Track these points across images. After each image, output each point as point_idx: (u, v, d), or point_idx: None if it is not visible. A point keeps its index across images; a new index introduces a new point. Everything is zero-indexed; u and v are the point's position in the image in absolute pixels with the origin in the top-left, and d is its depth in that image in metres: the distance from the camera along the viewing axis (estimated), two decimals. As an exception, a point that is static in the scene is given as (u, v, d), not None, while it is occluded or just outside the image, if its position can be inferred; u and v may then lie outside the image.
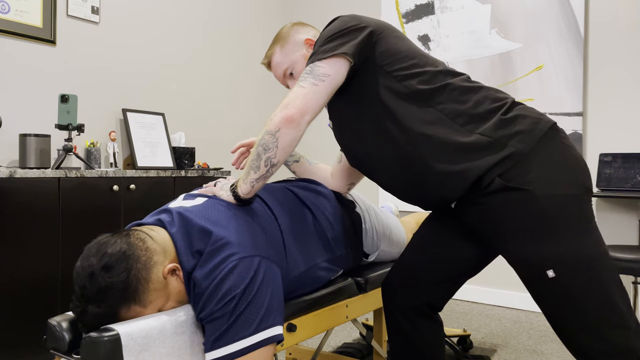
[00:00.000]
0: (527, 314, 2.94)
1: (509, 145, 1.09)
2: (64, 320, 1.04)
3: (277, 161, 1.13)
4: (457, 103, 1.15)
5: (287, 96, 1.15)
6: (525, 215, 1.07)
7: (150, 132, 2.93)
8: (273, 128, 1.12)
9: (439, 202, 1.20)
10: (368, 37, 1.19)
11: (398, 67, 1.19)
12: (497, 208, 1.10)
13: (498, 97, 1.16)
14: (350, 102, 1.24)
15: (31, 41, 2.50)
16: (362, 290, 1.52)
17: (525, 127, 1.10)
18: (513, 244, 1.10)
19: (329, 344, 2.38)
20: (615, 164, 2.63)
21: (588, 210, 1.09)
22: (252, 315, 1.00)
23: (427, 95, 1.16)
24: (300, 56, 1.42)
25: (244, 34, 3.75)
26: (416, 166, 1.16)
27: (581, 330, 1.07)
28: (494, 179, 1.08)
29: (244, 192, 1.16)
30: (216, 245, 1.05)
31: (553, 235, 1.06)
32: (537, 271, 1.07)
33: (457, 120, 1.13)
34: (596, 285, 1.05)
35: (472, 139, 1.11)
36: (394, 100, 1.17)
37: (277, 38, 1.46)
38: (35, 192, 2.04)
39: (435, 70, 1.19)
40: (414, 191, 1.22)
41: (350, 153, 1.32)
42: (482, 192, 1.11)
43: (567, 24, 2.89)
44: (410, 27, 3.48)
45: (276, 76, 1.48)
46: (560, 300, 1.07)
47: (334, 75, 1.16)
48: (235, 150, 1.49)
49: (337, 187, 1.56)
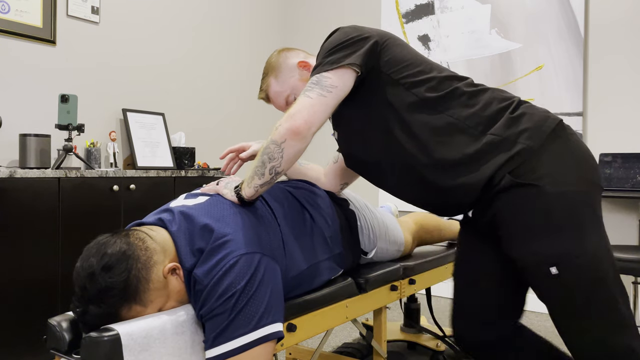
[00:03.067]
0: (527, 314, 2.94)
1: (518, 142, 1.10)
2: (64, 320, 1.04)
3: (281, 170, 1.14)
4: (467, 107, 1.16)
5: (294, 105, 1.15)
6: (533, 210, 1.07)
7: (150, 132, 2.93)
8: (279, 138, 1.12)
9: (452, 207, 1.21)
10: (373, 47, 1.20)
11: (405, 74, 1.19)
12: (507, 205, 1.10)
13: (505, 97, 1.18)
14: (358, 112, 1.24)
15: (31, 41, 2.50)
16: (362, 290, 1.52)
17: (533, 124, 1.11)
18: (519, 239, 1.10)
19: (329, 344, 2.38)
20: (615, 164, 2.63)
21: (597, 208, 1.09)
22: (252, 312, 1.00)
23: (436, 102, 1.17)
24: (297, 80, 1.42)
25: (244, 34, 3.75)
26: (428, 174, 1.17)
27: (582, 330, 1.07)
28: (504, 176, 1.09)
29: (247, 195, 1.17)
30: (217, 243, 1.05)
31: (559, 232, 1.06)
32: (541, 268, 1.07)
33: (468, 123, 1.14)
34: (600, 284, 1.05)
35: (484, 141, 1.12)
36: (404, 109, 1.18)
37: (268, 69, 1.45)
38: (35, 192, 2.04)
39: (441, 76, 1.20)
40: (427, 197, 1.22)
41: (357, 162, 1.32)
42: (493, 191, 1.11)
43: (567, 24, 2.89)
44: (410, 27, 3.48)
45: (278, 106, 1.47)
46: (562, 299, 1.08)
47: (341, 87, 1.16)
48: (224, 156, 1.47)
49: (330, 187, 1.57)
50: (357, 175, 1.57)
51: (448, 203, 1.20)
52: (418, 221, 1.91)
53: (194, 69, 3.36)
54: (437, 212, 1.28)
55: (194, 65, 3.37)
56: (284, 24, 4.13)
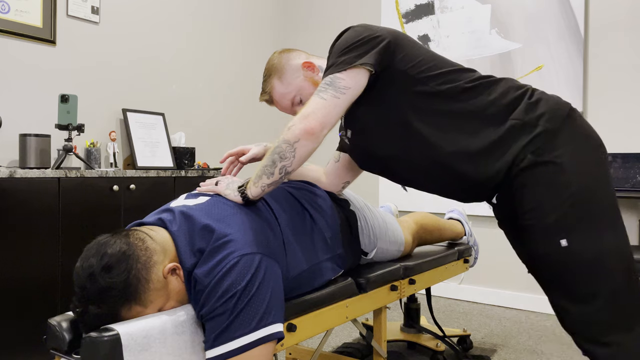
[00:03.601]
0: (527, 314, 2.94)
1: (539, 125, 1.15)
2: (64, 320, 1.04)
3: (291, 170, 1.16)
4: (486, 95, 1.21)
5: (307, 106, 1.17)
6: (552, 186, 1.12)
7: (150, 132, 2.93)
8: (292, 138, 1.13)
9: (476, 193, 1.25)
10: (386, 46, 1.22)
11: (421, 69, 1.22)
12: (527, 182, 1.15)
13: (519, 85, 1.23)
14: (375, 108, 1.26)
15: (31, 41, 2.50)
16: (362, 290, 1.52)
17: (550, 108, 1.17)
18: (534, 211, 1.14)
19: (329, 344, 2.38)
20: (615, 164, 2.63)
21: (609, 189, 1.15)
22: (252, 312, 1.00)
23: (455, 93, 1.21)
24: (302, 80, 1.43)
25: (245, 35, 3.75)
26: (452, 164, 1.20)
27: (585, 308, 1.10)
28: (526, 156, 1.14)
29: (253, 195, 1.18)
30: (218, 243, 1.05)
31: (574, 207, 1.11)
32: (552, 239, 1.12)
33: (488, 111, 1.19)
34: (607, 259, 1.09)
35: (506, 127, 1.17)
36: (424, 102, 1.21)
37: (270, 71, 1.45)
38: (35, 192, 2.04)
39: (455, 69, 1.24)
40: (450, 186, 1.26)
41: (373, 158, 1.33)
42: (515, 170, 1.16)
43: (567, 24, 2.89)
44: (410, 27, 3.48)
45: (282, 108, 1.47)
46: (567, 271, 1.11)
47: (355, 87, 1.19)
48: (224, 160, 1.48)
49: (331, 187, 1.57)
50: (358, 174, 1.58)
51: (472, 190, 1.24)
52: (418, 221, 1.91)
53: (194, 69, 3.36)
54: (461, 199, 1.31)
55: (194, 65, 3.37)
56: (284, 25, 4.13)
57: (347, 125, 1.36)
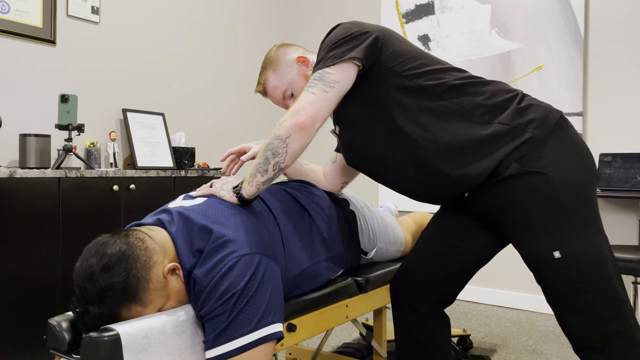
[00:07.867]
0: (527, 314, 2.94)
1: (526, 131, 1.13)
2: (64, 320, 1.04)
3: (285, 166, 1.15)
4: (473, 95, 1.19)
5: (298, 101, 1.17)
6: (540, 197, 1.11)
7: (150, 132, 2.93)
8: (283, 134, 1.13)
9: (456, 195, 1.23)
10: (374, 41, 1.21)
11: (408, 67, 1.22)
12: (513, 192, 1.13)
13: (509, 89, 1.22)
14: (360, 106, 1.26)
15: (31, 41, 2.50)
16: (362, 290, 1.52)
17: (540, 115, 1.16)
18: (524, 225, 1.14)
19: (329, 344, 2.38)
20: (615, 164, 2.63)
21: (594, 197, 1.15)
22: (251, 312, 1.00)
23: (441, 92, 1.19)
24: (295, 75, 1.43)
25: (245, 35, 3.75)
26: (434, 163, 1.18)
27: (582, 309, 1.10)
28: (511, 164, 1.13)
29: (249, 194, 1.18)
30: (217, 243, 1.05)
31: (564, 218, 1.10)
32: (545, 252, 1.11)
33: (475, 112, 1.17)
34: (599, 266, 1.09)
35: (491, 130, 1.15)
36: (409, 99, 1.20)
37: (266, 63, 1.47)
38: (35, 192, 2.04)
39: (443, 67, 1.23)
40: (431, 189, 1.24)
41: (359, 156, 1.32)
42: (499, 178, 1.14)
43: (567, 24, 2.89)
44: (410, 27, 3.48)
45: (275, 100, 1.48)
46: (563, 283, 1.11)
47: (344, 82, 1.18)
48: (225, 158, 1.48)
49: (330, 186, 1.57)
50: (356, 174, 1.58)
51: (451, 190, 1.22)
52: (418, 221, 1.91)
53: (194, 68, 3.36)
54: (437, 202, 1.29)
55: (194, 65, 3.37)
56: (284, 25, 4.13)
57: (335, 121, 1.37)
